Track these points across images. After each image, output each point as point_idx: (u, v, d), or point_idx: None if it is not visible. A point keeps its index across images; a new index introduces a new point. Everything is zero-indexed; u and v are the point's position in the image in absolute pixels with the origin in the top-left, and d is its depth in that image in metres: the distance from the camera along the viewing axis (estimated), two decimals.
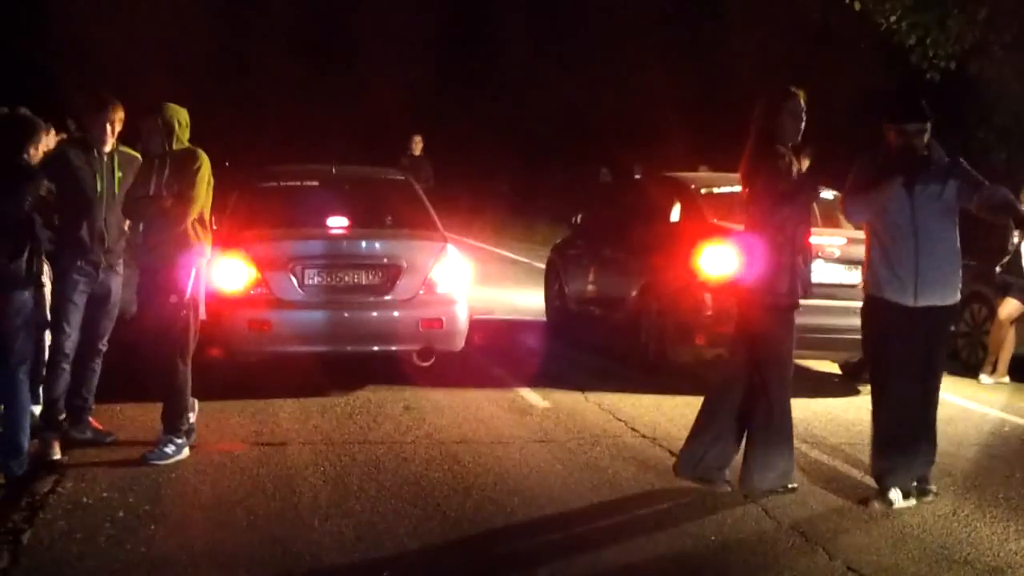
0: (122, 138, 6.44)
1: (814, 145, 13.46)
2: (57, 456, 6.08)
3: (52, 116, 7.26)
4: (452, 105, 32.16)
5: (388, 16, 32.29)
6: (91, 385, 6.41)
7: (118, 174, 6.30)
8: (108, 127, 6.23)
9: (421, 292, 8.18)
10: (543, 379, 8.76)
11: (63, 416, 6.28)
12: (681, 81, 24.07)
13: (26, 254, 5.74)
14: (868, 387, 8.99)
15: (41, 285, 6.02)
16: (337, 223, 8.70)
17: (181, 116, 6.22)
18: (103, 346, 6.47)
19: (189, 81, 27.07)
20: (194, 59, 28.66)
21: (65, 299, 6.19)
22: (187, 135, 6.24)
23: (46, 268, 6.11)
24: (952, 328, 6.04)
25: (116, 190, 6.31)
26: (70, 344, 6.22)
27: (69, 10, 24.41)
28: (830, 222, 9.48)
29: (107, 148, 6.30)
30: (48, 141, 6.61)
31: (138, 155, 6.44)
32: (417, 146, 17.01)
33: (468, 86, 32.48)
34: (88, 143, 6.31)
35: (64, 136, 7.46)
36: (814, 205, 6.63)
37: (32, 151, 5.92)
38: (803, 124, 5.83)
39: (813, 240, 8.66)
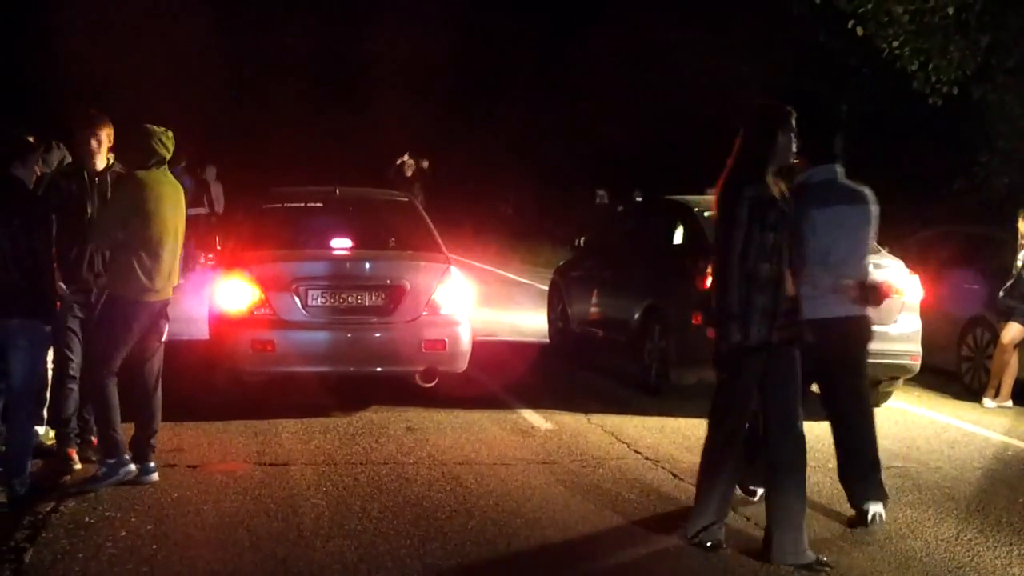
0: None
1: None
2: (78, 466, 6.18)
3: (56, 140, 7.28)
4: (456, 130, 32.28)
5: (394, 43, 32.46)
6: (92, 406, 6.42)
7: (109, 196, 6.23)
8: (94, 143, 6.21)
9: (424, 313, 8.18)
10: (546, 401, 8.76)
11: (76, 433, 6.35)
12: (684, 105, 24.17)
13: (39, 281, 5.77)
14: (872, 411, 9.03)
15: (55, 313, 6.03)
16: (341, 244, 8.72)
17: (134, 137, 6.00)
18: None
19: (198, 106, 27.22)
20: (203, 85, 28.80)
21: (62, 324, 6.19)
22: (140, 158, 5.97)
23: None
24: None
25: None
26: (75, 367, 6.26)
27: (79, 36, 24.54)
28: None
29: (97, 167, 6.28)
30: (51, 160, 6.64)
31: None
32: (410, 168, 17.63)
33: (473, 111, 32.61)
34: (81, 166, 6.32)
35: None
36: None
37: (21, 168, 5.85)
38: (795, 147, 5.39)
39: None
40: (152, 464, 6.11)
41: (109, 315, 5.96)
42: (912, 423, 8.87)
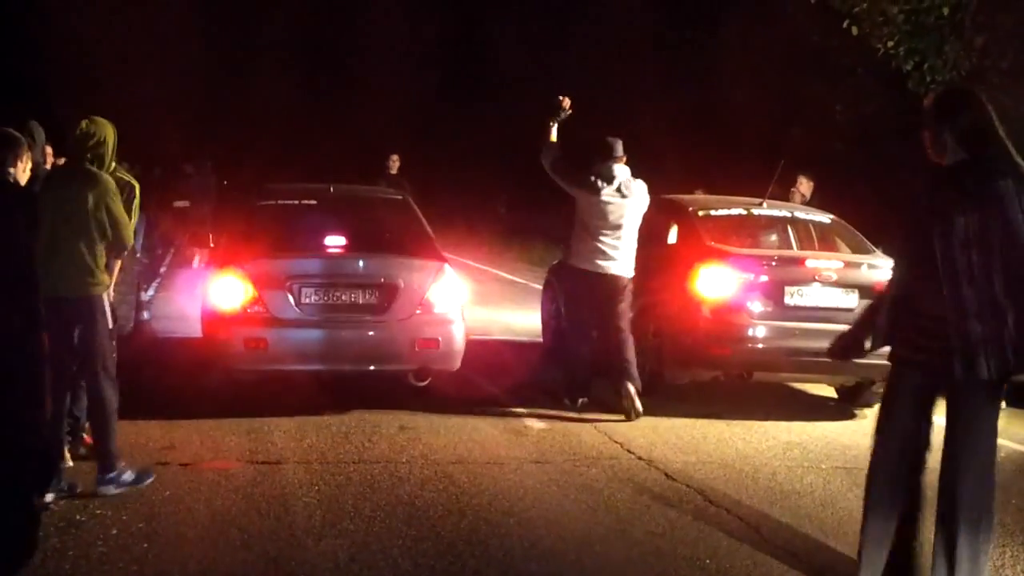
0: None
1: (810, 167, 13.55)
2: (70, 464, 6.14)
3: (49, 137, 7.26)
4: (449, 126, 32.26)
5: (386, 36, 32.46)
6: (82, 404, 6.39)
7: None
8: None
9: (418, 312, 8.16)
10: (539, 400, 8.75)
11: (67, 431, 6.30)
12: (678, 104, 24.17)
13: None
14: (864, 411, 9.03)
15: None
16: (334, 242, 8.70)
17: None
18: None
19: (186, 98, 27.17)
20: (192, 77, 28.77)
21: None
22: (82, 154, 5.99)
23: None
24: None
25: None
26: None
27: (66, 27, 24.50)
28: (827, 245, 9.50)
29: None
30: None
31: (128, 176, 6.48)
32: (394, 165, 17.42)
33: (465, 106, 32.59)
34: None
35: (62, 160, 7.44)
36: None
37: (16, 167, 5.80)
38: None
39: (810, 264, 8.82)
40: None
41: None
42: None
